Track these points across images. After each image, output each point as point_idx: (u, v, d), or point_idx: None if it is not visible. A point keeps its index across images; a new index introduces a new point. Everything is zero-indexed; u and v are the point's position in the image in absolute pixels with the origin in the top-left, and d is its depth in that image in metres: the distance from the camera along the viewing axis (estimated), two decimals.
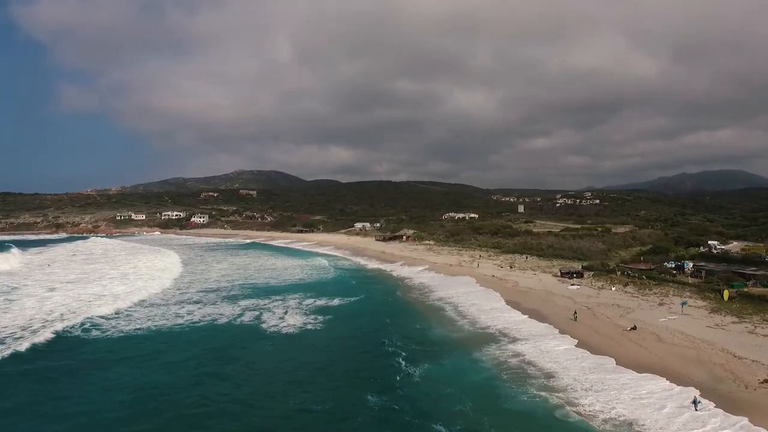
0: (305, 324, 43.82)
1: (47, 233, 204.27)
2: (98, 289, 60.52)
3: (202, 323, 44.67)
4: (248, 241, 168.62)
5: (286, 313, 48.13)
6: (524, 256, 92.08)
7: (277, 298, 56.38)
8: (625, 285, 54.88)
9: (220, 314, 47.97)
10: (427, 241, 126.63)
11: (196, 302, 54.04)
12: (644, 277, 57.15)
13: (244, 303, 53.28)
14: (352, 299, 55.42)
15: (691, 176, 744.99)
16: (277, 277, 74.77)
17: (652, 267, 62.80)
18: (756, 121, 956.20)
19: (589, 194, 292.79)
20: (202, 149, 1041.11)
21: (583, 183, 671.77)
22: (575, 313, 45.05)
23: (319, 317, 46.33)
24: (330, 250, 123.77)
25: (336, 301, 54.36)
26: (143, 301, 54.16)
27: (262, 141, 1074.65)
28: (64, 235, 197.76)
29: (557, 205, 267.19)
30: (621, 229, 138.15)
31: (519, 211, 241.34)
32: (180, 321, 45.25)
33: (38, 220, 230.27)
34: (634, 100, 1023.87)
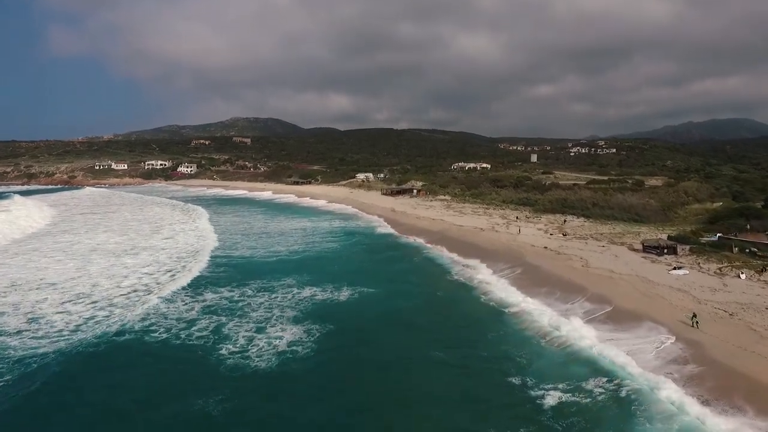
0: (293, 345, 27.39)
1: (17, 184, 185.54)
2: None
3: (124, 338, 28.11)
4: (238, 193, 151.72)
5: (268, 320, 31.57)
6: (563, 217, 75.29)
7: (259, 284, 39.78)
8: (761, 271, 38.17)
9: (164, 316, 31.35)
10: (441, 196, 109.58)
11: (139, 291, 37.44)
12: None
13: (209, 296, 36.67)
14: (370, 291, 38.49)
15: (698, 125, 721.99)
16: (264, 248, 57.99)
17: None
18: (766, 68, 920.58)
19: (603, 143, 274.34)
20: (199, 96, 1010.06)
21: (586, 132, 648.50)
22: (694, 316, 28.92)
23: (316, 328, 29.81)
24: (331, 206, 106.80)
25: (345, 294, 37.70)
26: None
27: (260, 87, 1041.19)
28: (35, 186, 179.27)
29: (571, 154, 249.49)
30: (654, 182, 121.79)
31: (532, 160, 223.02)
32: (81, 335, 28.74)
33: (8, 169, 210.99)
34: (642, 44, 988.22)
